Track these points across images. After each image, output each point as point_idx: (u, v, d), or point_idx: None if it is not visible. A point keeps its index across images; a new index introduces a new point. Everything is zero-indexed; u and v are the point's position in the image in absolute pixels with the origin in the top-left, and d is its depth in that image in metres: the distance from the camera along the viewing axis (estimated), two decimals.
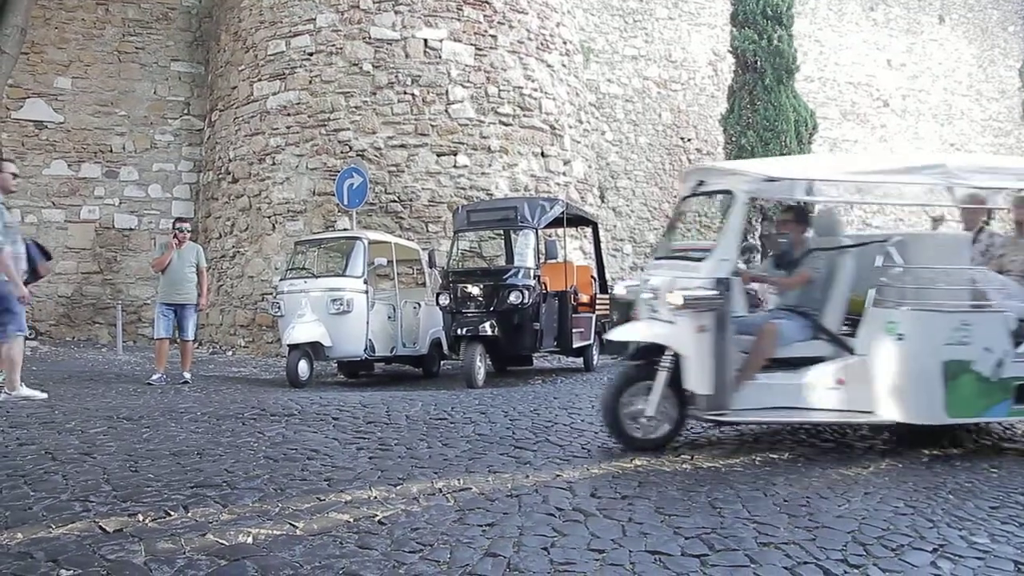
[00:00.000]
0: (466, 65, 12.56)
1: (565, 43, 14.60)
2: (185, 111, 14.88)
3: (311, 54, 12.36)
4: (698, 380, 4.60)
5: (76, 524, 3.03)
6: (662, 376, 4.64)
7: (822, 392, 4.82)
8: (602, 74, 18.33)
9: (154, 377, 8.02)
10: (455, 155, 12.12)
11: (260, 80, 12.76)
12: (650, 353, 4.80)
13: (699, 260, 4.90)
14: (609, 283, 11.69)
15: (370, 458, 4.28)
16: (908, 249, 4.85)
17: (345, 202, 10.69)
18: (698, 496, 3.69)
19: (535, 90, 13.37)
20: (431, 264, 10.03)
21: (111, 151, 14.29)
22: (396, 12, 12.29)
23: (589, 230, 12.05)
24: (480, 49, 12.74)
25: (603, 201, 17.68)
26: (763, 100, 14.96)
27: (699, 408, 4.68)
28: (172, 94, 14.78)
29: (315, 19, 12.40)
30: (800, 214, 5.57)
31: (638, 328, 5.11)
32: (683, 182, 5.67)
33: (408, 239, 11.10)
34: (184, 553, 2.74)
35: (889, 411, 4.66)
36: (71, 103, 14.07)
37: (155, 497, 3.41)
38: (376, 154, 11.87)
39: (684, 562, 2.82)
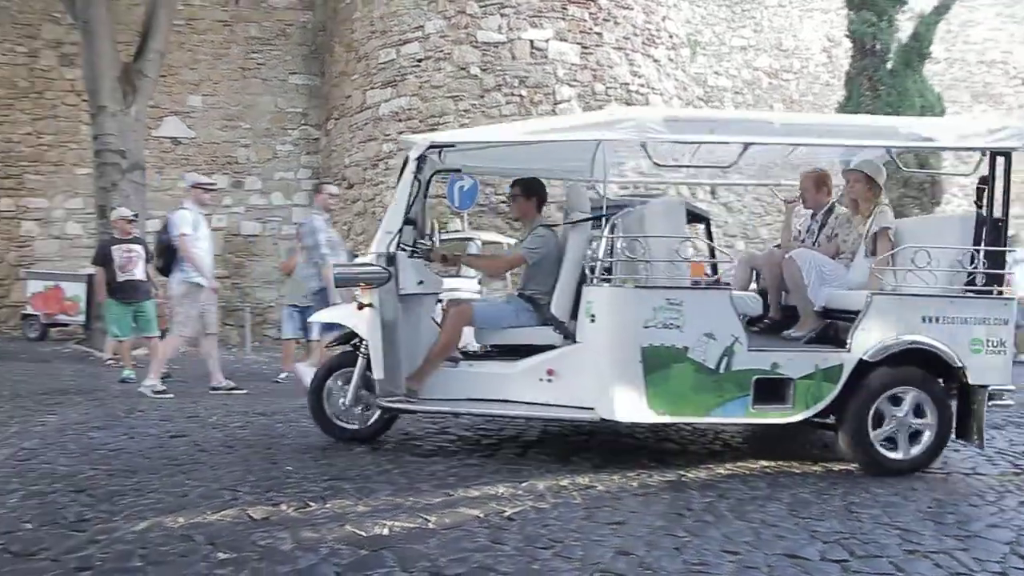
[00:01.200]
0: (572, 64, 12.56)
1: (671, 37, 14.36)
2: (303, 121, 15.59)
3: (420, 60, 12.68)
4: (375, 364, 4.31)
5: (228, 511, 3.23)
6: (360, 362, 4.43)
7: (532, 384, 4.29)
8: (709, 67, 17.90)
9: (281, 376, 8.43)
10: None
11: (372, 88, 13.21)
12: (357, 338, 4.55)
13: None
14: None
15: (493, 455, 4.36)
16: (638, 221, 4.34)
17: (456, 204, 10.91)
18: (833, 499, 3.56)
19: (642, 86, 13.22)
20: None
21: (237, 162, 15.18)
22: (502, 15, 12.43)
23: (701, 227, 11.78)
24: (586, 47, 12.72)
25: (714, 197, 17.25)
26: (886, 85, 14.18)
27: (377, 395, 4.35)
28: (291, 106, 15.53)
29: (423, 26, 12.72)
30: (528, 187, 4.89)
31: (335, 311, 4.82)
32: None
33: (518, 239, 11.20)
34: (326, 542, 2.87)
35: (599, 406, 4.07)
36: (202, 119, 15.04)
37: (295, 488, 3.59)
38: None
39: (824, 567, 2.72)
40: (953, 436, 4.17)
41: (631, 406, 3.98)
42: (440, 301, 5.02)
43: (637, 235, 4.21)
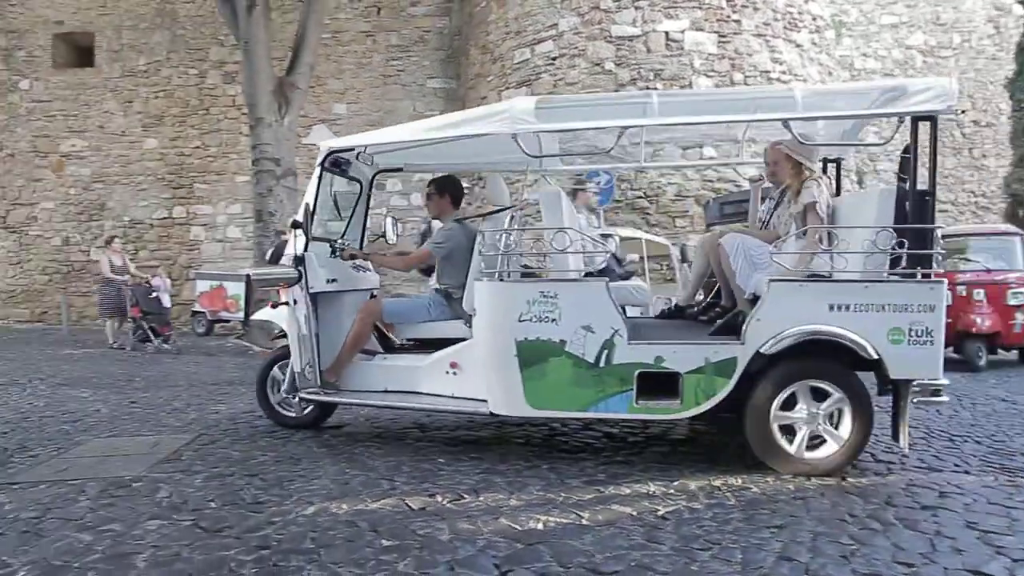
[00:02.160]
0: (709, 54, 12.22)
1: (815, 19, 13.65)
2: None
3: (554, 59, 12.74)
4: (293, 357, 4.66)
5: (387, 500, 3.39)
6: (293, 355, 4.70)
7: (440, 377, 4.43)
8: (856, 48, 16.89)
9: None
10: (701, 147, 11.81)
11: (507, 88, 13.39)
12: None
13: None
14: None
15: (641, 452, 4.31)
16: (546, 211, 4.28)
17: None
18: (1016, 511, 3.26)
19: (783, 73, 12.66)
20: (683, 259, 9.87)
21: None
22: (636, 8, 12.27)
23: None
24: (723, 36, 12.32)
25: (861, 186, 16.29)
26: None
27: (297, 386, 4.67)
28: (429, 109, 16.03)
29: (557, 24, 12.76)
30: (440, 185, 5.02)
31: (271, 309, 4.99)
32: None
33: (655, 235, 11.03)
34: (483, 534, 2.94)
35: (489, 400, 4.08)
36: (346, 126, 15.82)
37: (448, 480, 3.71)
38: (621, 151, 11.93)
39: None
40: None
41: (509, 400, 3.99)
42: (373, 296, 5.25)
43: (514, 228, 4.23)
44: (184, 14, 16.63)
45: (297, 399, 4.89)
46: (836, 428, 3.83)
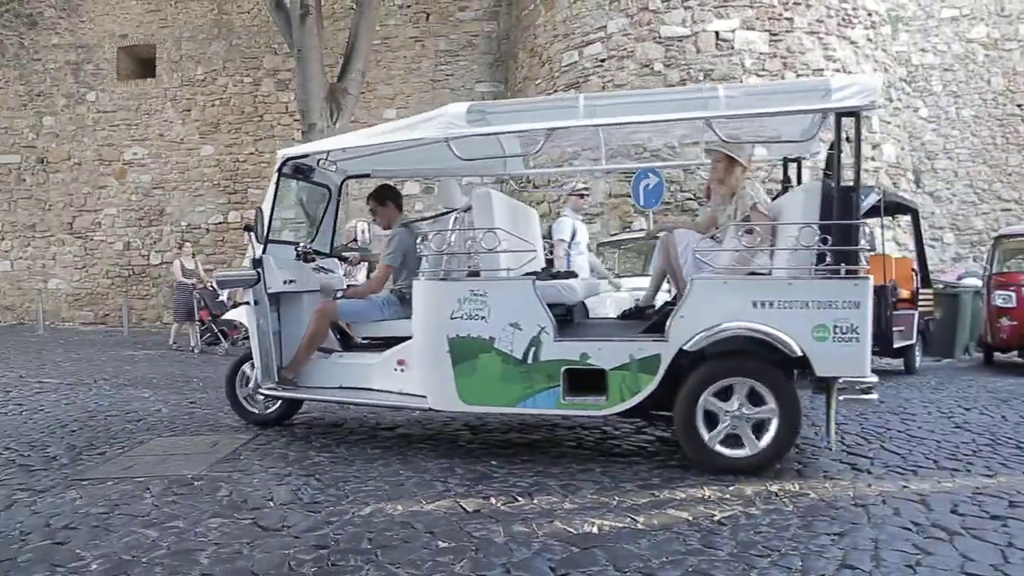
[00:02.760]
0: (760, 53, 12.03)
1: (870, 15, 13.35)
2: None
3: (603, 60, 12.70)
4: (253, 354, 4.84)
5: (441, 502, 3.41)
6: None
7: (389, 374, 4.54)
8: (913, 43, 16.42)
9: None
10: (752, 147, 11.62)
11: (555, 91, 13.38)
12: None
13: None
14: (932, 276, 10.41)
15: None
16: (477, 212, 4.32)
17: (641, 203, 10.79)
18: None
19: (837, 71, 12.39)
20: None
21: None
22: (685, 8, 12.16)
23: (906, 219, 10.84)
24: (775, 34, 12.13)
25: (918, 186, 15.85)
26: None
27: (259, 382, 4.83)
28: None
29: (606, 26, 12.72)
30: (381, 197, 5.21)
31: (237, 309, 5.09)
32: None
33: None
34: (537, 537, 2.94)
35: (428, 396, 4.20)
36: None
37: (501, 483, 3.73)
38: (671, 153, 11.83)
39: None
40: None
41: (443, 396, 4.11)
42: (336, 298, 5.36)
43: (456, 229, 4.35)
44: (240, 24, 17.07)
45: (262, 396, 5.08)
46: (765, 426, 3.79)
